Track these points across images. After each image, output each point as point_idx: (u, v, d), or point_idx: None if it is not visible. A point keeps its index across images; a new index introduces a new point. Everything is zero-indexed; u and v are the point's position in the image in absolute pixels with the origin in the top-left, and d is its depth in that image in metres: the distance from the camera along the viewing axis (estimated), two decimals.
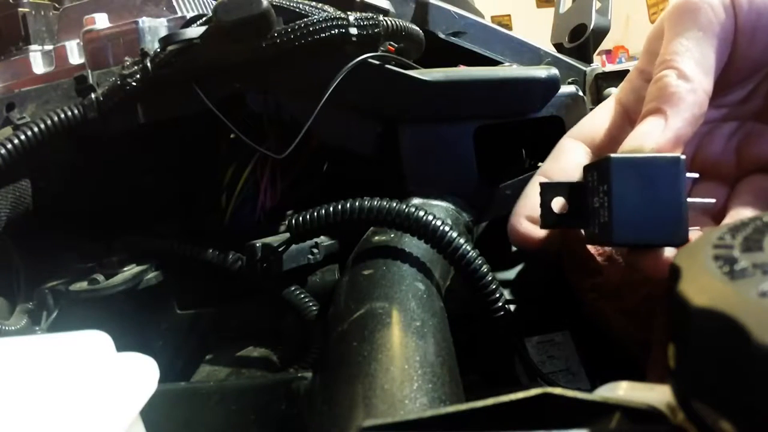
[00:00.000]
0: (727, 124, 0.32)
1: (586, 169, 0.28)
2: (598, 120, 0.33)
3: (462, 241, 0.29)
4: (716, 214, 0.30)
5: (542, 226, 0.29)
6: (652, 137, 0.26)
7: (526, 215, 0.31)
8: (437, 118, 0.37)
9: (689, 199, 0.25)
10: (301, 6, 0.37)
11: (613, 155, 0.25)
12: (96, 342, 0.21)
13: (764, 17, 0.28)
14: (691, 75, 0.27)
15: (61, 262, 0.39)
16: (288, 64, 0.36)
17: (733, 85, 0.31)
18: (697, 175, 0.27)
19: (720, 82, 0.29)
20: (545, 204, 0.28)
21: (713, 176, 0.31)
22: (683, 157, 0.25)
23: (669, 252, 0.26)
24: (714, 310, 0.12)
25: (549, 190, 0.28)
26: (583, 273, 0.35)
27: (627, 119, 0.32)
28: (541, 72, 0.37)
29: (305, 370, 0.33)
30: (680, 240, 0.25)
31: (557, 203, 0.29)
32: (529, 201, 0.31)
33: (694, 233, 0.26)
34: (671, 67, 0.28)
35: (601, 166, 0.26)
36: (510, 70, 0.39)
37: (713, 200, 0.28)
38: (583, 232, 0.30)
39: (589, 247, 0.35)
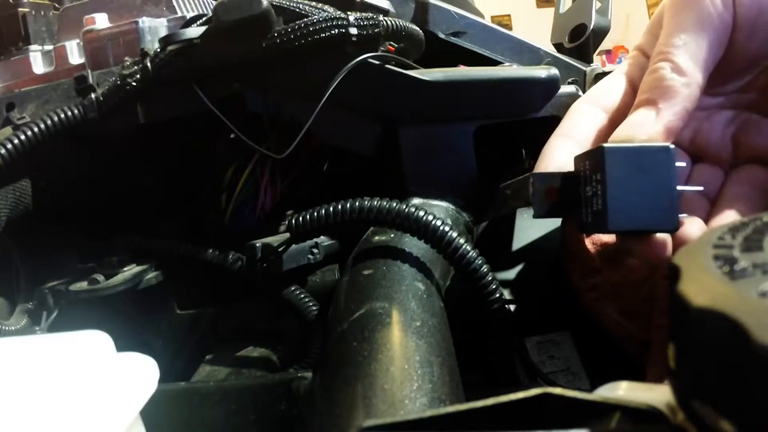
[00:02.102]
0: (724, 112, 0.32)
1: (578, 159, 0.28)
2: (608, 89, 0.33)
3: (462, 241, 0.29)
4: (713, 198, 0.30)
5: (535, 216, 0.29)
6: (644, 128, 0.27)
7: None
8: (437, 118, 0.37)
9: (679, 187, 0.25)
10: (301, 6, 0.37)
11: (605, 144, 0.26)
12: (96, 342, 0.21)
13: (765, 14, 0.28)
14: (686, 69, 0.28)
15: (61, 262, 0.39)
16: (288, 64, 0.36)
17: (730, 77, 0.31)
18: (684, 164, 0.28)
19: (717, 73, 0.29)
20: (538, 194, 0.28)
21: (711, 160, 0.32)
22: (673, 146, 0.26)
23: (661, 237, 0.26)
24: (714, 310, 0.12)
25: (541, 180, 0.29)
26: (583, 273, 0.35)
27: (634, 91, 0.32)
28: (541, 72, 0.37)
29: (305, 370, 0.33)
30: (672, 226, 0.26)
31: (550, 193, 0.29)
32: (551, 162, 0.31)
33: (686, 219, 0.27)
34: (667, 59, 0.28)
35: (593, 156, 0.26)
36: (510, 70, 0.39)
37: (701, 188, 0.29)
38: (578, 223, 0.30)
39: (589, 246, 0.35)
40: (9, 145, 0.35)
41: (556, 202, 0.29)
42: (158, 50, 0.37)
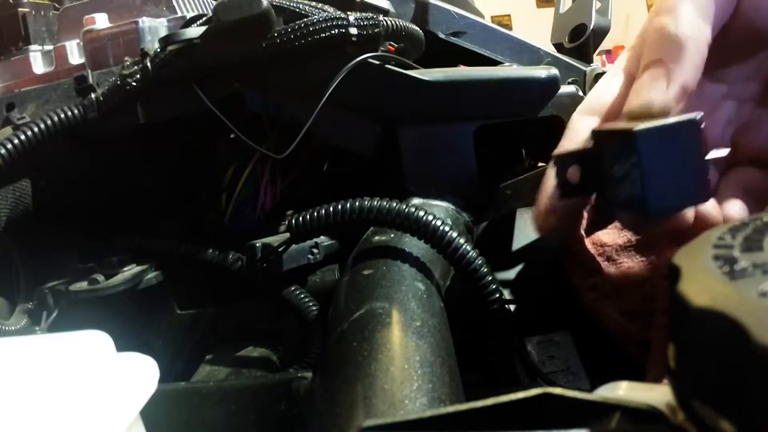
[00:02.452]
0: (726, 106, 0.31)
1: (598, 134, 0.27)
2: (605, 91, 0.32)
3: (462, 241, 0.29)
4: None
5: (561, 198, 0.28)
6: (658, 95, 0.26)
7: (546, 204, 0.30)
8: (437, 118, 0.37)
9: (708, 156, 0.25)
10: (301, 6, 0.37)
11: (636, 128, 0.24)
12: (96, 342, 0.21)
13: None
14: (691, 21, 0.26)
15: (61, 262, 0.39)
16: (288, 64, 0.36)
17: (734, 55, 0.30)
18: (727, 151, 0.27)
19: (721, 48, 0.28)
20: (561, 175, 0.28)
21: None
22: (701, 115, 0.24)
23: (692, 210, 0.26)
24: (714, 310, 0.12)
25: (562, 161, 0.28)
26: (583, 273, 0.35)
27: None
28: (541, 72, 0.37)
29: (305, 370, 0.33)
30: (705, 197, 0.25)
31: (573, 173, 0.28)
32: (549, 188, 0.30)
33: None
34: (670, 13, 0.27)
35: (620, 137, 0.26)
36: (510, 70, 0.39)
37: (728, 150, 0.28)
38: (597, 200, 0.29)
39: (589, 246, 0.35)
40: (9, 145, 0.35)
41: (579, 181, 0.28)
42: (158, 50, 0.37)
